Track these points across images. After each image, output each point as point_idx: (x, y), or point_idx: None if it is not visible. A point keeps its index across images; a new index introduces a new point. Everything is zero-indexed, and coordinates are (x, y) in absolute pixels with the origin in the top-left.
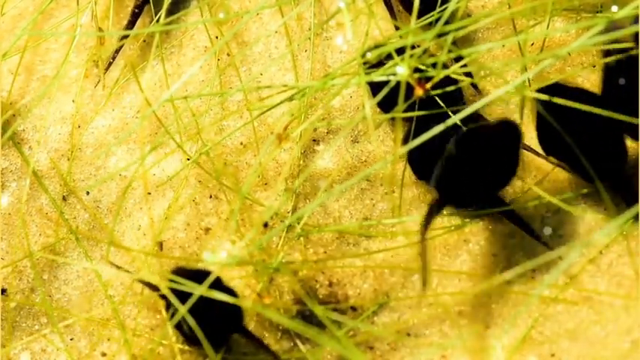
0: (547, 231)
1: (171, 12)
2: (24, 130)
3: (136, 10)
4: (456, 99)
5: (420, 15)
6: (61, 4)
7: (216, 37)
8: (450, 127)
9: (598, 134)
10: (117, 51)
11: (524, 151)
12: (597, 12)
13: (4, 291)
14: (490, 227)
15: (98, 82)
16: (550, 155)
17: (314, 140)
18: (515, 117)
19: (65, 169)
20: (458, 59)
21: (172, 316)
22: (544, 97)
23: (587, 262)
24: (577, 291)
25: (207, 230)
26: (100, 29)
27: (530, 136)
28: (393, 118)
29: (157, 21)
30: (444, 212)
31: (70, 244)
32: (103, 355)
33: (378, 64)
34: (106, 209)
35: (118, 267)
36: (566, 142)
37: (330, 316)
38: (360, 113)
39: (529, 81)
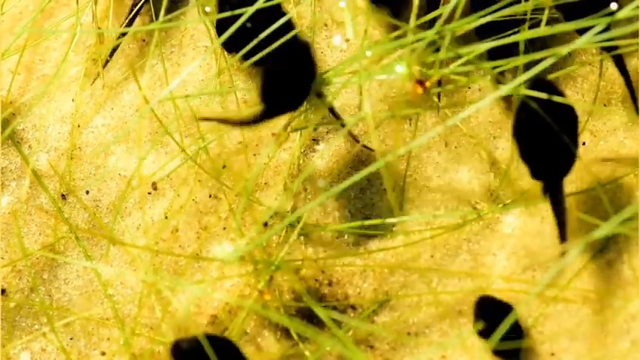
0: (547, 229)
1: (170, 11)
2: (23, 129)
3: (134, 7)
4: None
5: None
6: (61, 3)
7: (216, 36)
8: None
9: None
10: (115, 48)
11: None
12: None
13: (3, 291)
14: (490, 227)
15: (94, 80)
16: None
17: (314, 140)
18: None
19: (65, 169)
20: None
21: None
22: (543, 95)
23: (587, 262)
24: (577, 291)
25: (206, 229)
26: (100, 28)
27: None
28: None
29: (157, 19)
30: (444, 211)
31: (69, 243)
32: (103, 354)
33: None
34: (106, 209)
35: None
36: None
37: (330, 315)
38: (360, 113)
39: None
